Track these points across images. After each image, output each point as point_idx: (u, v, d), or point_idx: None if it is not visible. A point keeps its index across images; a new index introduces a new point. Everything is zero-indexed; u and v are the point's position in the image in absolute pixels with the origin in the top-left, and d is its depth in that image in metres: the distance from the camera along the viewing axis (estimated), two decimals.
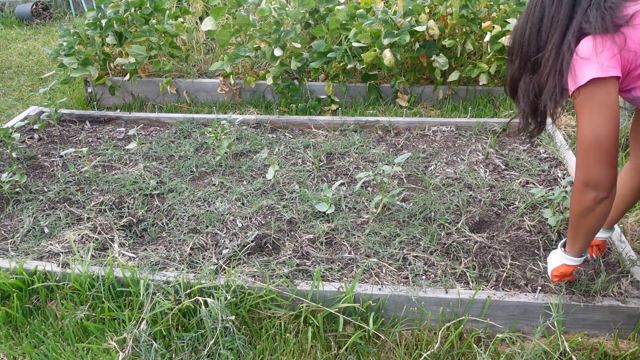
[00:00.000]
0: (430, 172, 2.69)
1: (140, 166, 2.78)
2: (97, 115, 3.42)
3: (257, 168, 2.76)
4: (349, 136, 3.06)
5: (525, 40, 1.49)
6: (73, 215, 2.39)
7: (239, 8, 3.81)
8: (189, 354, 1.76)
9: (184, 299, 1.83)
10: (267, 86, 3.66)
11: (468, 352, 1.78)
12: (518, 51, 1.53)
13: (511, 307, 1.81)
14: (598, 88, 1.36)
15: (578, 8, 1.40)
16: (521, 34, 1.51)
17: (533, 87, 1.52)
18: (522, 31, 1.51)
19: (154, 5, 3.71)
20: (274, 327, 1.84)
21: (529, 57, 1.50)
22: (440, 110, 3.56)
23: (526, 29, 1.49)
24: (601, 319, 1.79)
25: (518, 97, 1.58)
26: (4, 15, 6.59)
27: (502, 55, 3.41)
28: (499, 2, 3.45)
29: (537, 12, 1.46)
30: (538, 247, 2.10)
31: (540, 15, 1.45)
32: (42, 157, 2.94)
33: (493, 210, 2.35)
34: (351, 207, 2.39)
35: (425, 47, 3.47)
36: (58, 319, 1.91)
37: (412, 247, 2.12)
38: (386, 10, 3.46)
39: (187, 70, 3.89)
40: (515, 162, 2.73)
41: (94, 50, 3.66)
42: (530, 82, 1.53)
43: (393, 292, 1.84)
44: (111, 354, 1.72)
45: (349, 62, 3.49)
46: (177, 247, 2.16)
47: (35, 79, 4.61)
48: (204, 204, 2.46)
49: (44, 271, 1.99)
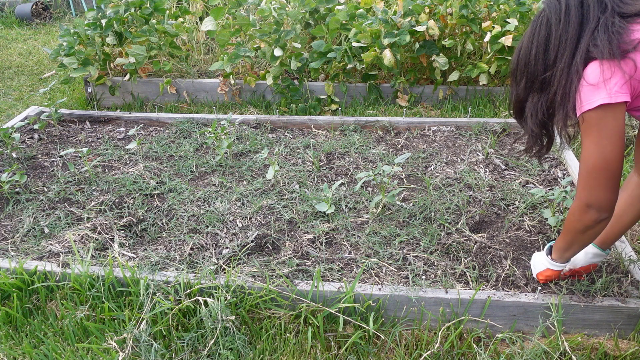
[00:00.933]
0: (430, 172, 2.69)
1: (140, 166, 2.78)
2: (97, 115, 3.42)
3: (257, 168, 2.76)
4: (349, 136, 3.06)
5: (532, 60, 1.47)
6: (73, 215, 2.39)
7: (239, 8, 3.81)
8: (189, 354, 1.77)
9: (184, 299, 1.83)
10: (267, 86, 3.66)
11: (468, 352, 1.78)
12: (524, 71, 1.51)
13: (511, 307, 1.81)
14: (606, 113, 1.35)
15: (586, 27, 1.38)
16: (526, 53, 1.48)
17: (541, 105, 1.50)
18: (527, 51, 1.48)
19: (154, 5, 3.71)
20: (274, 327, 1.84)
21: (536, 77, 1.48)
22: (440, 110, 3.56)
23: (532, 48, 1.46)
24: (601, 319, 1.79)
25: (525, 117, 1.56)
26: (4, 15, 6.59)
27: (502, 55, 3.41)
28: (499, 2, 3.46)
29: (542, 31, 1.44)
30: (538, 247, 2.10)
31: (546, 35, 1.43)
32: (42, 157, 2.94)
33: (493, 210, 2.35)
34: (351, 207, 2.39)
35: (425, 47, 3.47)
36: (58, 319, 1.91)
37: (412, 247, 2.12)
38: (386, 10, 3.46)
39: (187, 70, 3.89)
40: (515, 162, 2.73)
41: (94, 50, 3.66)
42: (538, 101, 1.50)
43: (393, 292, 1.84)
44: (111, 354, 1.72)
45: (349, 62, 3.50)
46: (177, 247, 2.16)
47: (35, 79, 4.61)
48: (204, 204, 2.46)
49: (44, 271, 1.99)
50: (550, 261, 1.77)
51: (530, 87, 1.51)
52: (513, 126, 3.06)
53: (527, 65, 1.49)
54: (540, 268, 1.84)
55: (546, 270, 1.81)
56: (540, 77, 1.47)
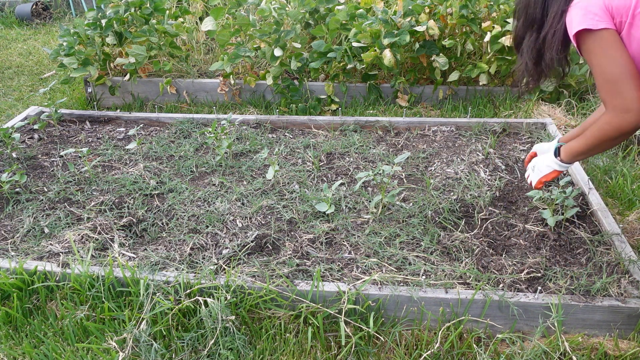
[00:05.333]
0: (430, 172, 2.69)
1: (140, 166, 2.78)
2: (97, 115, 3.42)
3: (257, 168, 2.76)
4: (349, 136, 3.06)
5: (532, 3, 1.69)
6: (73, 215, 2.39)
7: (239, 8, 3.81)
8: (189, 354, 1.77)
9: (184, 299, 1.83)
10: (267, 86, 3.66)
11: (468, 352, 1.78)
12: (524, 11, 1.73)
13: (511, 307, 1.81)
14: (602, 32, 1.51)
15: None
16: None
17: (537, 43, 1.72)
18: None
19: (154, 5, 3.71)
20: (274, 327, 1.84)
21: (534, 19, 1.70)
22: (440, 110, 3.56)
23: None
24: (601, 319, 1.79)
25: (522, 51, 1.77)
26: (4, 15, 6.59)
27: (502, 55, 3.41)
28: (499, 2, 3.46)
29: None
30: (538, 248, 2.10)
31: None
32: (42, 157, 2.94)
33: (493, 211, 2.35)
34: (351, 207, 2.39)
35: (425, 47, 3.47)
36: (58, 319, 1.91)
37: (412, 247, 2.12)
38: (386, 10, 3.46)
39: (187, 70, 3.89)
40: (515, 163, 2.73)
41: (94, 50, 3.66)
42: (535, 39, 1.72)
43: (393, 292, 1.84)
44: (111, 354, 1.72)
45: (349, 62, 3.50)
46: (177, 247, 2.16)
47: (35, 79, 4.61)
48: (204, 204, 2.46)
49: (44, 271, 1.99)
50: (559, 162, 1.89)
51: (528, 26, 1.74)
52: (513, 126, 3.06)
53: (527, 7, 1.71)
54: (546, 171, 1.95)
55: (553, 172, 1.93)
56: (538, 19, 1.69)
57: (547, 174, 1.95)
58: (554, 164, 1.91)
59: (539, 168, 1.99)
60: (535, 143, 2.92)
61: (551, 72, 1.75)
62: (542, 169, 1.97)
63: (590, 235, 2.14)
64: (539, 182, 1.99)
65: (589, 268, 1.96)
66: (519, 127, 3.05)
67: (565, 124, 3.24)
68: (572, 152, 1.84)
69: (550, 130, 2.97)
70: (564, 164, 1.90)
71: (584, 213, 2.28)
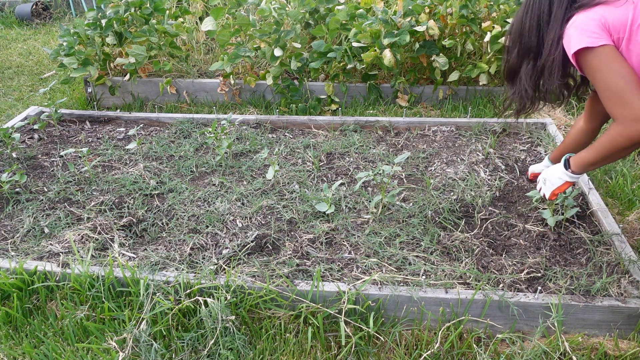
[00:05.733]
0: (430, 172, 2.69)
1: (140, 166, 2.78)
2: (97, 115, 3.42)
3: (257, 168, 2.76)
4: (349, 136, 3.06)
5: (526, 32, 1.73)
6: (73, 215, 2.39)
7: (239, 8, 3.81)
8: (189, 354, 1.77)
9: (184, 299, 1.83)
10: (267, 86, 3.66)
11: (468, 352, 1.78)
12: (518, 41, 1.77)
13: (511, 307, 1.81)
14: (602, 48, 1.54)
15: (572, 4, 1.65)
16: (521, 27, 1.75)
17: (535, 70, 1.76)
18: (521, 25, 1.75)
19: (154, 5, 3.71)
20: (274, 327, 1.84)
21: (530, 47, 1.74)
22: (440, 110, 3.56)
23: (526, 22, 1.73)
24: (601, 319, 1.79)
25: (520, 79, 1.82)
26: (4, 15, 6.59)
27: (502, 55, 3.41)
28: (499, 2, 3.46)
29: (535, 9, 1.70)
30: (538, 248, 2.10)
31: (538, 13, 1.70)
32: (42, 157, 2.94)
33: (493, 211, 2.35)
34: (351, 207, 2.39)
35: (425, 47, 3.47)
36: (58, 319, 1.91)
37: (412, 247, 2.12)
38: (386, 10, 3.46)
39: (187, 70, 3.89)
40: (515, 163, 2.73)
41: (94, 50, 3.66)
42: (533, 66, 1.76)
43: (393, 292, 1.84)
44: (111, 354, 1.72)
45: (349, 62, 3.50)
46: (177, 247, 2.16)
47: (35, 79, 4.61)
48: (204, 204, 2.46)
49: (44, 271, 1.99)
50: (570, 174, 1.91)
51: (524, 55, 1.78)
52: (513, 126, 3.06)
53: (522, 37, 1.75)
54: (558, 183, 1.97)
55: (565, 184, 1.95)
56: (534, 47, 1.73)
57: (559, 186, 1.97)
58: (564, 175, 1.93)
59: (550, 180, 2.00)
60: (535, 143, 2.92)
61: (551, 96, 1.80)
62: (553, 182, 1.98)
63: (590, 235, 2.14)
64: (552, 194, 2.00)
65: (589, 268, 1.96)
66: (519, 127, 3.05)
67: (565, 124, 3.24)
68: (582, 163, 1.85)
69: (550, 130, 2.97)
70: (575, 175, 1.90)
71: (584, 213, 2.28)
